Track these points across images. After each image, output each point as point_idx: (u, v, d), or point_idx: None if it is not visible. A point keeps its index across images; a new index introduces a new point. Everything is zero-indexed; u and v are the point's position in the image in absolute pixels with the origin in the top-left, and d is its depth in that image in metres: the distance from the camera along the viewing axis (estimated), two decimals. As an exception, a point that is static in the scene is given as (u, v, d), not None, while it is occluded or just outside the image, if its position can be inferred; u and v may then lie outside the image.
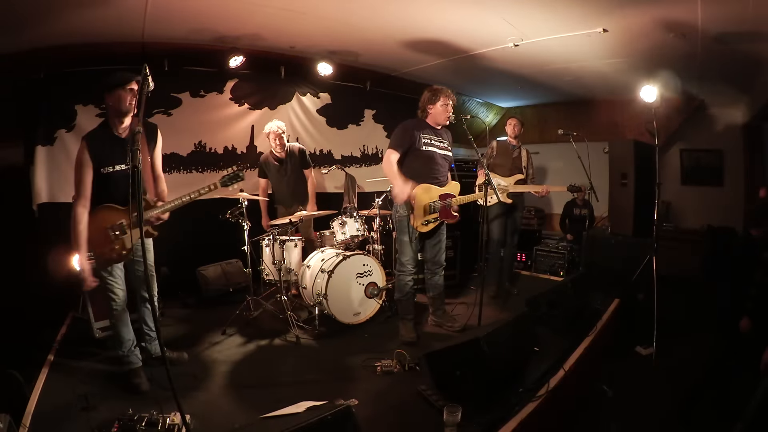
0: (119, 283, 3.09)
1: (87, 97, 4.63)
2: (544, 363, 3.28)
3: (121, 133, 2.95)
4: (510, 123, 5.15)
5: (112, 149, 2.90)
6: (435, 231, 3.99)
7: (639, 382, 3.74)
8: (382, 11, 4.10)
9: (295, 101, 6.21)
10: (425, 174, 3.85)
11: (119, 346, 3.13)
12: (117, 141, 2.92)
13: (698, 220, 7.13)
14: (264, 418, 2.27)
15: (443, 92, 3.83)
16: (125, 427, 2.40)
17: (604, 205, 6.31)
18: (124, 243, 2.96)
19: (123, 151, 2.88)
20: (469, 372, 2.77)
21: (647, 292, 4.36)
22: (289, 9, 4.03)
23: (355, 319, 4.31)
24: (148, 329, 3.35)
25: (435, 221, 3.89)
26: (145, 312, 3.33)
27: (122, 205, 2.95)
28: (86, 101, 4.63)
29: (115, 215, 2.93)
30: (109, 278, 3.04)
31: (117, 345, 3.14)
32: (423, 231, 3.89)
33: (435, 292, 4.22)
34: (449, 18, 4.18)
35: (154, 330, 3.34)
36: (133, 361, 3.12)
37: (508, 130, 5.15)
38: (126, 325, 3.15)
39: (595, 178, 4.82)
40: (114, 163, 2.91)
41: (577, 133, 4.87)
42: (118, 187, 2.92)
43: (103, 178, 2.89)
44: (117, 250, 2.95)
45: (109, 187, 2.92)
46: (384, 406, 2.88)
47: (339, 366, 3.50)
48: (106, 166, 2.89)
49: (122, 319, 3.13)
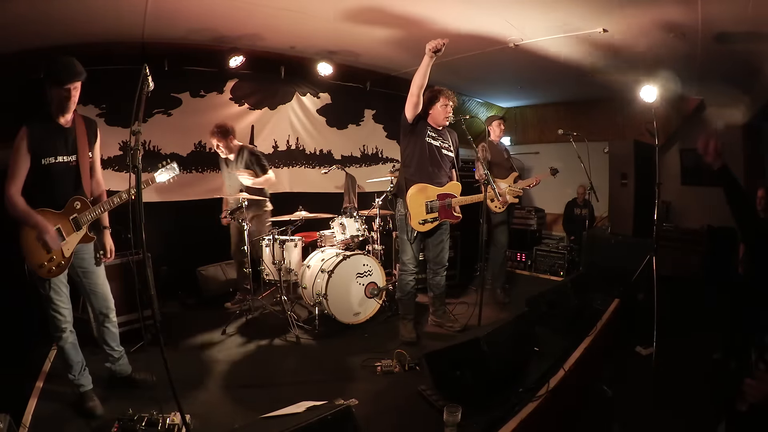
0: (64, 301, 2.78)
1: (86, 97, 4.61)
2: (544, 363, 3.28)
3: (64, 124, 2.73)
4: (499, 124, 5.13)
5: (55, 139, 2.69)
6: (437, 230, 3.98)
7: (639, 383, 3.74)
8: (382, 11, 4.10)
9: (295, 101, 6.21)
10: (427, 167, 3.83)
11: (69, 369, 2.83)
12: (60, 131, 2.72)
13: (698, 220, 7.14)
14: (264, 417, 2.27)
15: (443, 93, 3.84)
16: (125, 427, 2.41)
17: (604, 205, 6.34)
18: (62, 252, 2.70)
19: (65, 142, 2.72)
20: (469, 372, 2.76)
21: (647, 292, 4.36)
22: (289, 9, 4.03)
23: (355, 319, 4.31)
24: (109, 350, 3.07)
25: (434, 221, 3.88)
26: (105, 332, 3.03)
27: (59, 203, 2.71)
28: (86, 101, 4.62)
29: (50, 220, 2.66)
30: (51, 295, 2.72)
31: (66, 368, 2.84)
32: (421, 230, 3.89)
33: (436, 292, 4.22)
34: (449, 18, 4.18)
35: (117, 350, 3.11)
36: (84, 383, 2.86)
37: (496, 130, 5.13)
38: (75, 347, 2.85)
39: (595, 178, 4.83)
40: (57, 154, 2.69)
41: (577, 133, 4.87)
42: (56, 181, 2.71)
43: (42, 170, 2.65)
44: (55, 261, 2.68)
45: (47, 180, 2.68)
46: (384, 406, 2.89)
47: (339, 366, 3.50)
48: (48, 157, 2.66)
49: (70, 340, 2.81)
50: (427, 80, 3.48)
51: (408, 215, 3.82)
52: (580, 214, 7.31)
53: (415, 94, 3.57)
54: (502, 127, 5.15)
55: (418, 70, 3.44)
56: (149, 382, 3.11)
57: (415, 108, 3.67)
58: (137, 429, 2.39)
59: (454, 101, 3.89)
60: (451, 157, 4.02)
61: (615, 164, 4.87)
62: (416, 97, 3.59)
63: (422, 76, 3.44)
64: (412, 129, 3.81)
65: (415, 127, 3.80)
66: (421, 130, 3.82)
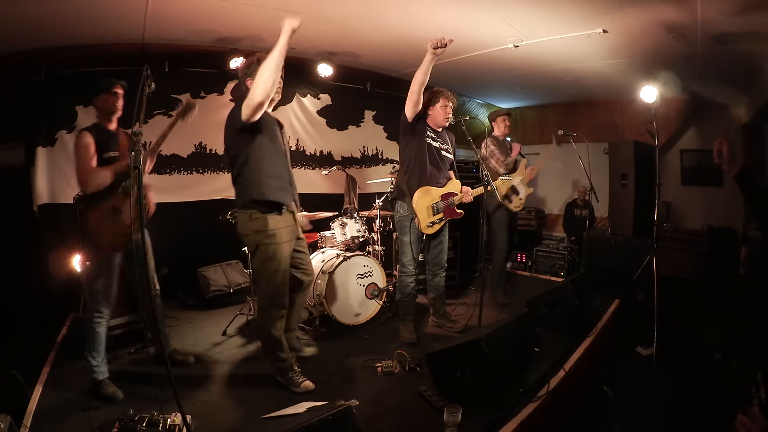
0: (114, 287, 3.06)
1: (88, 98, 4.61)
2: (545, 363, 3.29)
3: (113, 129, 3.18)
4: (504, 119, 5.00)
5: (108, 139, 3.08)
6: (438, 231, 3.99)
7: (639, 383, 3.74)
8: (382, 12, 4.11)
9: (295, 102, 6.21)
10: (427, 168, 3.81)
11: (96, 355, 3.00)
12: (111, 133, 3.14)
13: (698, 220, 7.14)
14: (265, 418, 2.28)
15: (443, 94, 3.83)
16: (126, 427, 2.39)
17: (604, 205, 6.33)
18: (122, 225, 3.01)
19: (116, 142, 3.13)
20: (469, 372, 2.76)
21: (647, 292, 4.36)
22: (289, 10, 4.02)
23: (356, 320, 4.31)
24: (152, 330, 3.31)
25: (440, 222, 3.89)
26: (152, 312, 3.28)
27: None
28: (87, 102, 4.58)
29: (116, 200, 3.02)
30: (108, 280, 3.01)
31: (94, 354, 2.99)
32: (430, 233, 3.89)
33: (436, 293, 4.21)
34: (449, 19, 4.18)
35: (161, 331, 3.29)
36: (104, 371, 3.01)
37: (501, 126, 5.00)
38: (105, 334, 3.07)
39: (595, 178, 4.82)
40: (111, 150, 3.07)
41: (577, 134, 4.86)
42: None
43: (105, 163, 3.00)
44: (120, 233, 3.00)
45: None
46: (384, 406, 2.88)
47: (339, 367, 3.50)
48: (108, 152, 3.04)
49: (105, 324, 3.05)
50: (428, 78, 3.46)
51: (416, 220, 3.82)
52: (581, 215, 7.31)
53: (416, 91, 3.54)
54: (507, 122, 5.02)
55: (419, 67, 3.42)
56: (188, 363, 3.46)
57: (416, 106, 3.64)
58: (138, 429, 2.37)
59: (454, 102, 3.88)
60: (450, 158, 4.02)
61: (615, 165, 4.86)
62: (417, 95, 3.56)
63: (423, 73, 3.42)
64: (411, 129, 3.79)
65: (414, 127, 3.79)
66: (421, 131, 3.81)
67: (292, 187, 3.11)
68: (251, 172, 2.89)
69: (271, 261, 2.94)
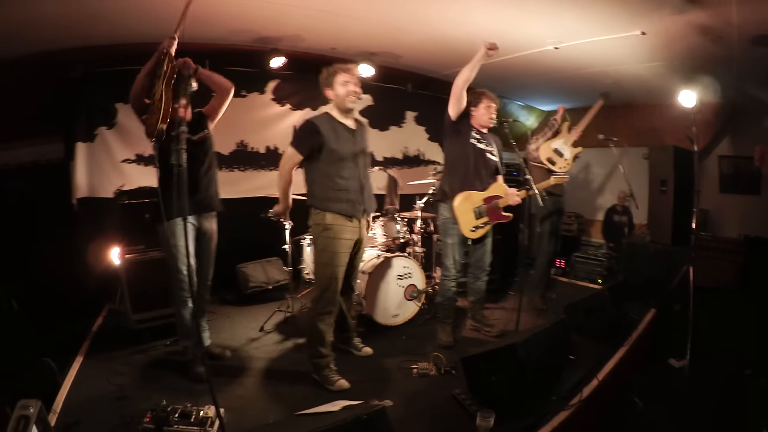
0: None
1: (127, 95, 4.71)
2: (579, 372, 3.23)
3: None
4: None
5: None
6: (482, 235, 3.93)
7: (671, 395, 3.65)
8: (423, 13, 4.09)
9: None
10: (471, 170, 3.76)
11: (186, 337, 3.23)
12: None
13: (736, 229, 6.93)
14: (299, 415, 2.28)
15: (485, 94, 3.78)
16: (158, 417, 2.41)
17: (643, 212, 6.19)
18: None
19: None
20: (504, 378, 2.74)
21: (683, 302, 4.24)
22: (328, 11, 4.05)
23: (394, 321, 4.29)
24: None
25: (485, 226, 3.82)
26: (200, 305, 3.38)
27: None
28: (127, 99, 4.71)
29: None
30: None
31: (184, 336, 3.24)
32: (474, 237, 3.84)
33: (476, 297, 4.15)
34: (490, 18, 4.13)
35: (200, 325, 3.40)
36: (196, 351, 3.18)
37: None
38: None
39: (634, 183, 4.69)
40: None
41: (617, 139, 4.76)
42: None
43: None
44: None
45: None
46: (418, 408, 2.88)
47: (375, 367, 3.50)
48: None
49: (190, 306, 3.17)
50: (474, 75, 3.43)
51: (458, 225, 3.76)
52: (620, 221, 7.16)
53: (460, 87, 3.50)
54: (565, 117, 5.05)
55: (467, 64, 3.40)
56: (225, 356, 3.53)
57: (459, 102, 3.58)
58: (170, 420, 2.40)
59: (496, 103, 3.83)
60: (495, 162, 3.91)
61: (654, 171, 4.75)
62: (460, 90, 3.52)
63: (470, 69, 3.40)
64: (456, 129, 3.74)
65: (459, 128, 3.73)
66: (465, 132, 3.75)
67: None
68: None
69: (323, 254, 3.08)
